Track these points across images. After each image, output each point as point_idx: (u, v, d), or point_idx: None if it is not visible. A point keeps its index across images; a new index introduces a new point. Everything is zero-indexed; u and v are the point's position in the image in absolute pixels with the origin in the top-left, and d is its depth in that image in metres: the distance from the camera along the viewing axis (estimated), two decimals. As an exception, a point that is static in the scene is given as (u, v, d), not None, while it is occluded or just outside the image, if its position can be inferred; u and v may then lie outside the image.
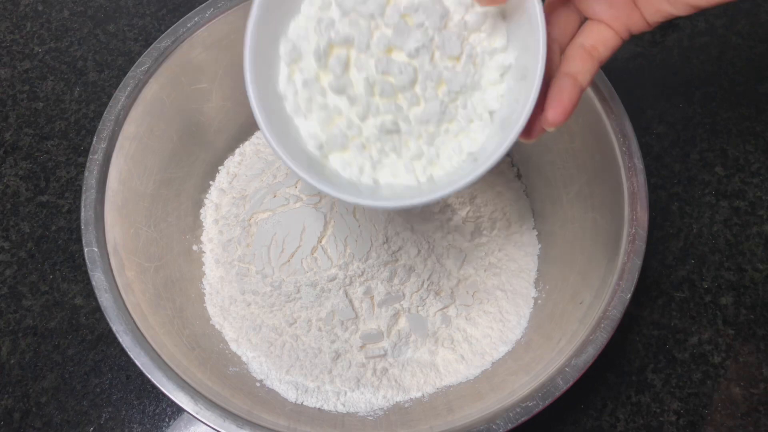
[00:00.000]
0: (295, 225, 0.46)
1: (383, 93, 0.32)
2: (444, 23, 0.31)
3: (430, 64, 0.32)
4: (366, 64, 0.32)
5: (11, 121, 0.59)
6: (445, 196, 0.32)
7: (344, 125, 0.33)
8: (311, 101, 0.33)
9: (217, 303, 0.47)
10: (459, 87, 0.32)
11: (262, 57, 0.33)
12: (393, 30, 0.31)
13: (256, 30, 0.32)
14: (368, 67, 0.32)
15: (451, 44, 0.31)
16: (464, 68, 0.32)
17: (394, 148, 0.33)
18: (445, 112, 0.33)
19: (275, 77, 0.34)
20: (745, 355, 0.50)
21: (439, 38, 0.31)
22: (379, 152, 0.33)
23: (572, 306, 0.42)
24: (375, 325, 0.46)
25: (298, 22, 0.33)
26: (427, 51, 0.32)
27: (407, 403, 0.44)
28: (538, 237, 0.50)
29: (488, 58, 0.32)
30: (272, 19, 0.33)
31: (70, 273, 0.52)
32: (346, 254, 0.45)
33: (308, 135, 0.34)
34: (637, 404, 0.48)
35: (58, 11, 0.65)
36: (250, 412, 0.38)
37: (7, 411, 0.47)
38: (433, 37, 0.31)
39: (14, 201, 0.55)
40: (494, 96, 0.33)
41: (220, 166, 0.53)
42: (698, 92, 0.60)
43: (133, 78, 0.44)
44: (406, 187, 0.34)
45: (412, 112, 0.33)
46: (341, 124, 0.33)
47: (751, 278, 0.52)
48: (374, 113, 0.33)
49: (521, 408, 0.36)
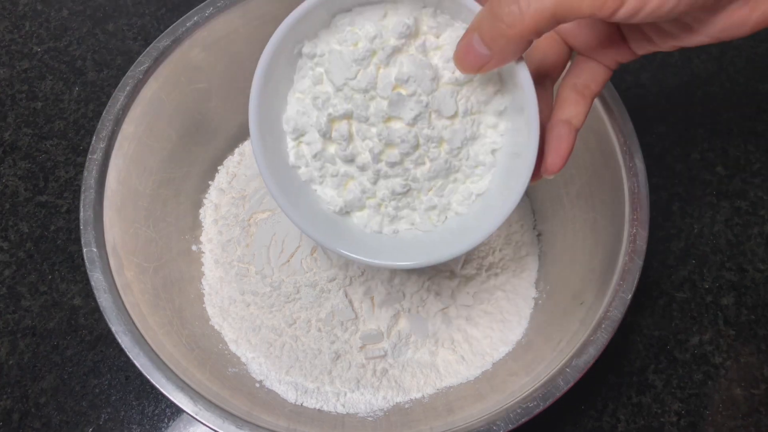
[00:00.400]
0: (294, 225, 0.46)
1: (389, 160, 0.34)
2: (436, 85, 0.32)
3: (429, 128, 0.33)
4: (368, 133, 0.33)
5: (10, 120, 0.59)
6: (459, 254, 0.34)
7: (359, 189, 0.35)
8: (323, 169, 0.35)
9: (216, 303, 0.47)
10: (460, 143, 0.33)
11: (269, 131, 0.34)
12: (388, 102, 0.32)
13: (258, 108, 0.33)
14: (371, 136, 0.33)
15: (446, 106, 0.32)
16: (462, 124, 0.33)
17: (408, 204, 0.35)
18: (450, 167, 0.34)
19: (284, 149, 0.35)
20: (746, 355, 0.50)
21: (434, 102, 0.32)
22: (395, 209, 0.35)
23: (573, 306, 0.42)
24: (375, 326, 0.46)
25: (295, 97, 0.34)
26: (424, 117, 0.32)
27: (407, 404, 0.44)
28: (538, 237, 0.50)
29: (484, 106, 0.33)
30: (273, 94, 0.34)
31: (69, 273, 0.52)
32: (345, 254, 0.45)
33: (328, 200, 0.36)
34: (638, 405, 0.48)
35: (57, 10, 0.64)
36: (249, 413, 0.38)
37: (6, 412, 0.47)
38: (428, 103, 0.32)
39: (13, 201, 0.55)
40: (495, 138, 0.34)
41: (220, 166, 0.52)
42: (699, 92, 0.60)
43: (132, 77, 0.44)
44: (425, 236, 0.36)
45: (419, 172, 0.34)
46: (356, 189, 0.35)
47: (752, 278, 0.52)
48: (384, 177, 0.34)
49: (522, 409, 0.36)
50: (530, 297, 0.47)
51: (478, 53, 0.28)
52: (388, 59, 0.32)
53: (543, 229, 0.50)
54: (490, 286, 0.48)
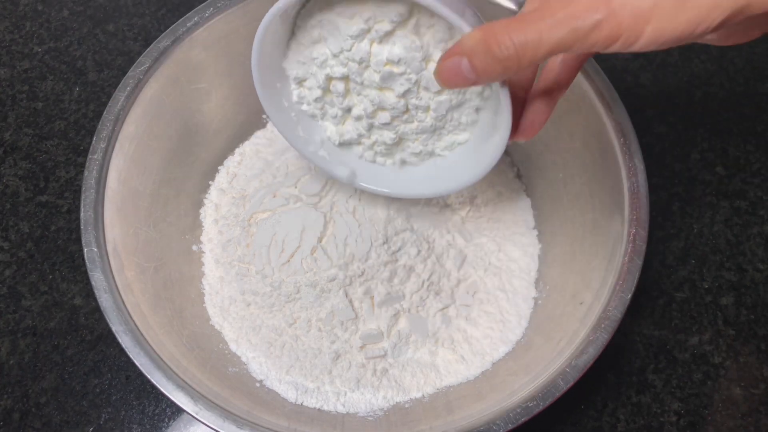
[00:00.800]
0: (294, 225, 0.46)
1: (380, 121, 0.38)
2: (425, 64, 0.34)
3: (417, 99, 0.36)
4: (363, 92, 0.36)
5: (10, 121, 0.59)
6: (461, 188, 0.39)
7: (355, 132, 0.40)
8: (323, 110, 0.39)
9: (216, 303, 0.47)
10: (445, 111, 0.36)
11: (269, 71, 0.38)
12: (380, 76, 0.35)
13: (260, 48, 0.35)
14: (365, 95, 0.36)
15: (433, 83, 0.35)
16: (448, 95, 0.35)
17: (400, 149, 0.41)
18: (435, 127, 0.37)
19: (287, 87, 0.39)
20: (745, 355, 0.50)
21: (422, 79, 0.34)
22: (386, 148, 0.40)
23: (573, 306, 0.42)
24: (375, 326, 0.46)
25: (296, 46, 0.37)
26: (413, 91, 0.35)
27: (407, 404, 0.44)
28: (538, 237, 0.50)
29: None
30: (275, 37, 0.36)
31: (69, 273, 0.52)
32: (345, 254, 0.45)
33: (329, 133, 0.41)
34: (637, 404, 0.48)
35: (57, 11, 0.64)
36: (249, 413, 0.38)
37: (7, 411, 0.47)
38: (417, 80, 0.34)
39: (13, 201, 0.55)
40: (479, 103, 0.36)
41: (220, 166, 0.52)
42: (699, 92, 0.60)
43: (132, 78, 0.44)
44: (419, 170, 0.41)
45: (407, 128, 0.38)
46: (352, 130, 0.40)
47: (752, 278, 0.52)
48: (377, 128, 0.39)
49: (521, 408, 0.36)
50: (530, 297, 0.48)
51: (464, 77, 0.27)
52: (381, 38, 0.33)
53: (543, 229, 0.50)
54: (490, 286, 0.48)
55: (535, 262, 0.49)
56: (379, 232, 0.46)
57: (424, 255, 0.47)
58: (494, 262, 0.49)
